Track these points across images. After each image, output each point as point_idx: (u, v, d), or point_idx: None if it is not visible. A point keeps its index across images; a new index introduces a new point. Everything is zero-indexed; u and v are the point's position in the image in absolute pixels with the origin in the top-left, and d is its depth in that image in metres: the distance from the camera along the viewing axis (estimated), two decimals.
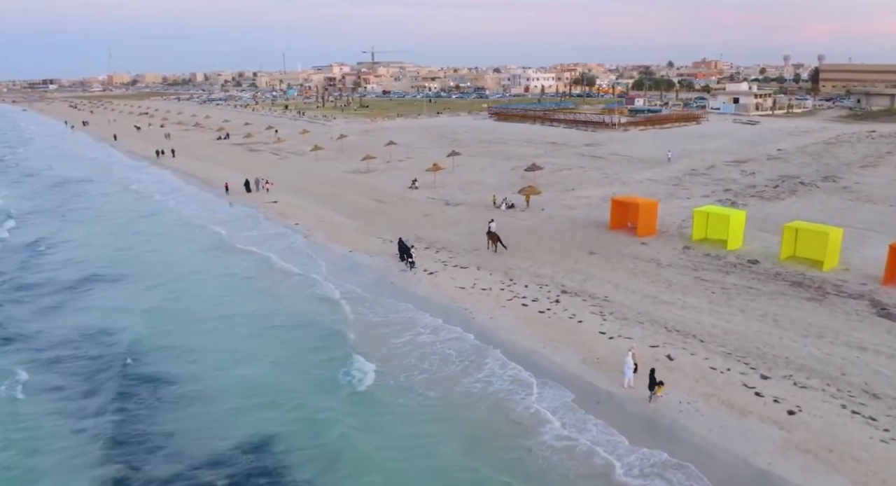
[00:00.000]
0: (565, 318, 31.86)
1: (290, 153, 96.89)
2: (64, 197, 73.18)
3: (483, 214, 53.55)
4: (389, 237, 47.52)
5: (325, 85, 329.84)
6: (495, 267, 39.86)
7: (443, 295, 35.69)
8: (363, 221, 53.15)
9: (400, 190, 65.54)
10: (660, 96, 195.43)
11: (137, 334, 33.16)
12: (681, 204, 54.53)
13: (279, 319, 34.68)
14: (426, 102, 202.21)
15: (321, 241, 48.16)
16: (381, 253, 44.08)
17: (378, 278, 39.39)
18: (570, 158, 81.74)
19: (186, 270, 43.77)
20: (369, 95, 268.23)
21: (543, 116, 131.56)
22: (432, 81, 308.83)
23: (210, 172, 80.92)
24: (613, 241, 44.47)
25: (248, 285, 40.40)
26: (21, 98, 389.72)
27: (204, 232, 53.64)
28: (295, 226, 52.96)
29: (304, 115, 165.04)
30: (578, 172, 70.23)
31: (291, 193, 66.70)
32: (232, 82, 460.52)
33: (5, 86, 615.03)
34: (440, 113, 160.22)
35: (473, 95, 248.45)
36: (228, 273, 42.81)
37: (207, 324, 34.53)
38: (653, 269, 38.59)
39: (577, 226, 48.74)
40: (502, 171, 73.74)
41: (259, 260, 45.01)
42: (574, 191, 61.67)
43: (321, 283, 39.46)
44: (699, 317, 31.48)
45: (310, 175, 77.23)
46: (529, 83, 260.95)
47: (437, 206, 57.84)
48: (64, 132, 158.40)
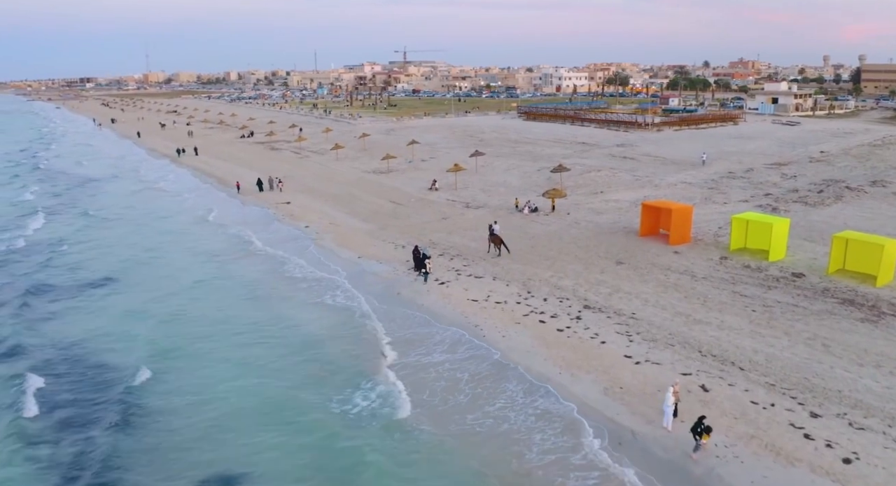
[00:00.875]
0: (586, 338, 28.52)
1: (312, 152, 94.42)
2: (77, 196, 71.45)
3: (505, 217, 50.35)
4: (402, 242, 44.58)
5: (355, 84, 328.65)
6: (513, 277, 36.62)
7: (452, 309, 32.53)
8: (376, 225, 50.21)
9: (419, 191, 62.52)
10: (695, 96, 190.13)
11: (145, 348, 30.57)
12: (717, 209, 50.76)
13: (261, 335, 31.81)
14: (455, 101, 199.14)
15: (330, 245, 45.29)
16: (392, 260, 41.07)
17: (383, 289, 36.34)
18: (600, 159, 78.06)
19: (183, 277, 41.11)
20: (399, 95, 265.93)
21: (574, 116, 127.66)
22: (463, 81, 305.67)
23: (228, 171, 78.69)
24: (643, 249, 40.97)
25: (244, 295, 37.60)
26: (57, 96, 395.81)
27: (213, 234, 51.28)
28: (305, 229, 50.18)
29: (329, 113, 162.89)
30: (608, 174, 66.60)
31: (306, 193, 64.06)
32: (264, 81, 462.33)
33: (44, 84, 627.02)
34: (468, 112, 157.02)
35: (504, 94, 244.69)
36: (228, 281, 40.08)
37: (206, 332, 31.82)
38: (686, 282, 35.05)
39: (604, 232, 45.28)
40: (528, 172, 70.36)
41: (260, 267, 42.32)
42: (602, 194, 58.12)
43: (317, 292, 36.60)
44: (738, 340, 27.93)
45: (327, 175, 74.59)
46: (561, 83, 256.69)
47: (457, 208, 54.70)
48: (90, 130, 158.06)
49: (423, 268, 36.93)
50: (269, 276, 40.20)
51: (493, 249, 41.37)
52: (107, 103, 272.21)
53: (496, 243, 41.45)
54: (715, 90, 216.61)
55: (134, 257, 45.90)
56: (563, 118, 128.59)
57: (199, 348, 30.39)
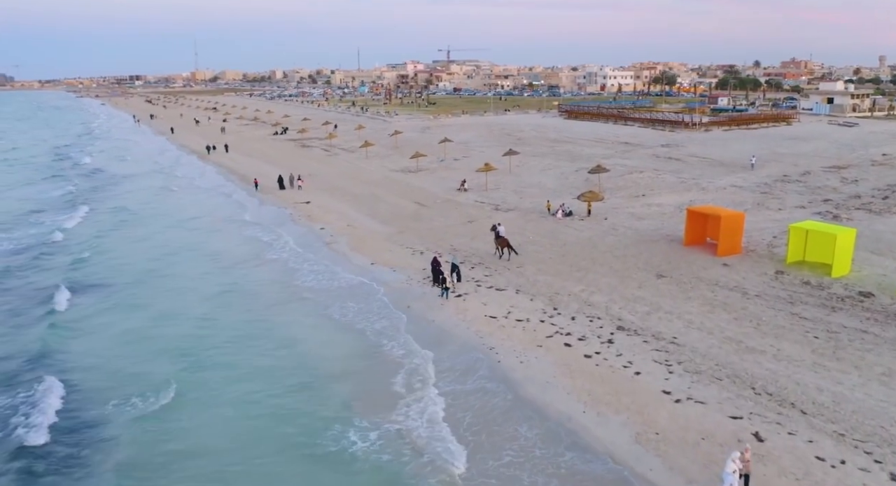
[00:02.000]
0: (618, 367, 24.43)
1: (342, 150, 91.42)
2: (88, 195, 69.33)
3: (536, 222, 46.42)
4: (420, 248, 40.94)
5: (397, 82, 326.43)
6: (538, 291, 32.62)
7: (467, 327, 28.68)
8: (396, 228, 46.64)
9: (446, 192, 58.79)
10: (745, 96, 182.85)
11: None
12: (771, 216, 46.01)
13: (234, 357, 28.41)
14: (495, 99, 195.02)
15: (343, 249, 41.86)
16: (407, 267, 37.42)
17: (393, 301, 32.67)
18: (643, 159, 73.34)
19: (179, 287, 38.03)
20: (440, 93, 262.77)
21: (617, 115, 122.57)
22: (505, 80, 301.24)
23: (253, 169, 75.80)
24: (688, 261, 36.59)
25: (237, 308, 34.31)
26: (105, 93, 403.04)
27: (222, 237, 48.37)
28: (320, 230, 46.85)
29: (366, 111, 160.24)
30: (651, 176, 61.99)
31: (329, 192, 60.87)
32: (307, 80, 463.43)
33: (95, 81, 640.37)
34: (508, 110, 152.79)
35: (547, 93, 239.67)
36: (224, 290, 36.84)
37: (195, 354, 28.57)
38: (737, 300, 30.65)
39: (644, 240, 40.96)
40: (565, 173, 66.11)
41: (261, 276, 39.07)
42: (644, 197, 53.64)
43: (316, 305, 33.16)
44: (799, 374, 23.58)
45: (354, 173, 71.37)
46: (606, 81, 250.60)
47: (484, 211, 50.81)
48: (129, 125, 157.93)
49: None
50: (268, 286, 36.82)
51: (499, 251, 38.39)
52: (150, 100, 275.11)
53: (502, 245, 38.20)
54: (766, 90, 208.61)
55: (131, 264, 43.03)
56: (605, 117, 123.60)
57: (197, 373, 27.11)
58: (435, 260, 34.39)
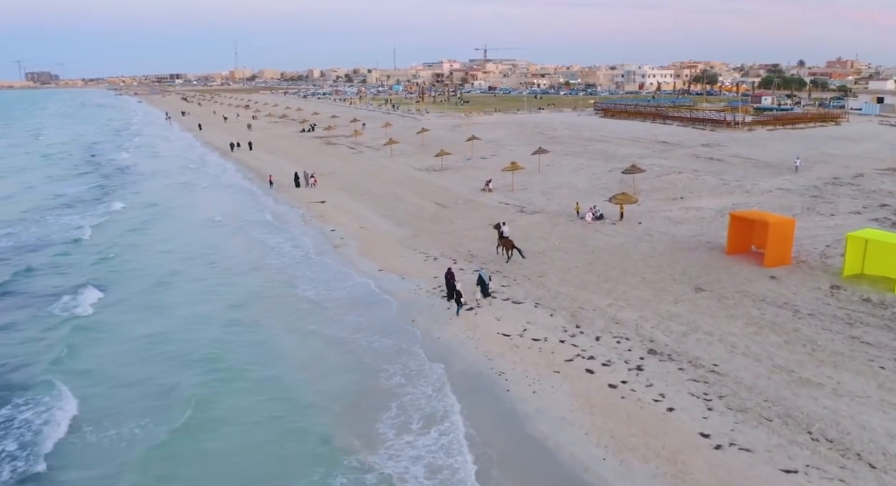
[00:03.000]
0: (648, 401, 20.81)
1: (367, 147, 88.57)
2: (101, 192, 67.28)
3: (563, 226, 42.82)
4: (435, 253, 37.62)
5: (432, 81, 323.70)
6: (560, 305, 29.05)
7: (475, 347, 25.24)
8: (411, 230, 43.38)
9: (470, 192, 55.38)
10: (790, 95, 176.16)
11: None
12: (823, 223, 41.74)
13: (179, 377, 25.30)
14: (530, 97, 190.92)
15: (351, 254, 38.71)
16: (417, 275, 34.09)
17: (397, 313, 29.38)
18: (682, 160, 69.07)
19: (156, 294, 35.21)
20: (474, 91, 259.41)
21: (655, 113, 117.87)
22: (542, 78, 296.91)
23: (273, 167, 72.99)
24: (731, 272, 32.67)
25: (222, 318, 31.29)
26: (143, 91, 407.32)
27: (228, 238, 45.57)
28: (330, 232, 43.80)
29: (397, 109, 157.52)
30: (690, 177, 57.80)
31: (347, 191, 57.92)
32: (344, 78, 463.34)
33: (137, 80, 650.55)
34: (542, 109, 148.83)
35: (584, 91, 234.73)
36: (206, 303, 33.83)
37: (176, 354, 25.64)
38: (787, 320, 26.75)
39: (681, 248, 37.07)
40: (598, 173, 62.23)
41: (257, 280, 36.08)
42: (682, 200, 49.59)
43: (307, 316, 30.01)
44: (864, 414, 19.72)
45: (376, 171, 68.36)
46: (645, 80, 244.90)
47: (508, 213, 47.27)
48: (161, 122, 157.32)
49: (458, 297, 28.61)
50: (258, 296, 33.66)
51: (506, 253, 35.87)
52: (185, 98, 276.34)
53: (507, 246, 35.71)
54: (811, 89, 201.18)
55: (120, 266, 40.40)
56: (643, 115, 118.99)
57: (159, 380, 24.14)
58: (449, 272, 30.25)
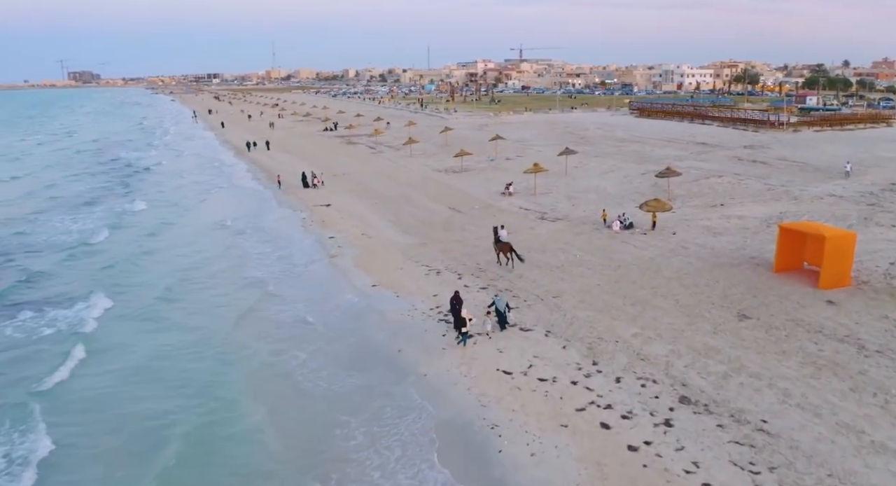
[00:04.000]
0: (677, 471, 16.21)
1: (388, 147, 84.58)
2: (103, 195, 64.18)
3: (588, 235, 38.19)
4: (439, 266, 33.30)
5: (465, 80, 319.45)
6: (575, 333, 24.49)
7: (467, 389, 20.81)
8: (418, 238, 39.12)
9: (488, 196, 50.91)
10: (835, 95, 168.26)
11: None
12: (884, 236, 36.48)
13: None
14: (563, 97, 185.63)
15: (346, 265, 34.52)
16: (415, 292, 29.75)
17: (381, 341, 25.08)
18: (723, 162, 63.78)
19: (113, 313, 31.31)
20: (507, 91, 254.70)
21: (693, 113, 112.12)
22: (577, 78, 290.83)
23: (287, 167, 69.20)
24: (780, 295, 27.78)
25: (183, 349, 27.26)
26: (179, 90, 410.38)
27: (218, 245, 41.73)
28: (328, 240, 39.72)
29: (425, 108, 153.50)
30: (731, 182, 52.60)
31: (356, 193, 53.93)
32: (378, 78, 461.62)
33: (175, 79, 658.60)
34: (574, 108, 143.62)
35: (620, 91, 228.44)
36: (171, 321, 29.88)
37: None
38: (850, 358, 21.88)
39: (721, 263, 32.21)
40: (629, 176, 57.30)
41: (238, 294, 32.06)
42: (723, 207, 44.56)
43: (274, 344, 25.84)
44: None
45: (391, 172, 64.28)
46: (683, 80, 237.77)
47: (528, 220, 42.75)
48: (188, 120, 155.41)
49: (463, 325, 23.91)
50: (227, 316, 29.48)
51: (504, 257, 32.72)
52: (217, 97, 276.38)
53: (504, 251, 32.54)
54: (857, 90, 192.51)
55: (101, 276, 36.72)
56: (680, 115, 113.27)
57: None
58: (456, 297, 25.07)
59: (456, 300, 24.65)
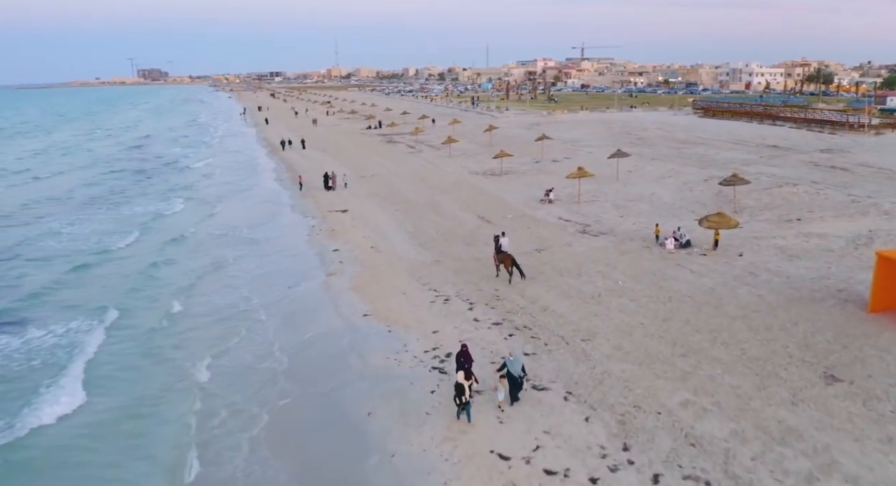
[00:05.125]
0: None
1: (428, 146, 79.20)
2: (110, 197, 60.39)
3: (636, 254, 32.09)
4: (449, 291, 27.67)
5: (524, 79, 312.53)
6: (605, 398, 18.52)
7: (445, 482, 15.11)
8: (433, 254, 33.56)
9: (525, 203, 44.98)
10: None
11: None
12: None
13: None
14: (623, 95, 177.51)
15: (342, 286, 29.15)
16: (413, 327, 24.18)
17: (350, 397, 19.52)
18: (797, 168, 56.35)
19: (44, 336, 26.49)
20: (566, 90, 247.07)
21: (763, 113, 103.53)
22: (639, 77, 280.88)
23: (317, 167, 64.23)
24: (879, 346, 21.24)
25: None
26: (239, 88, 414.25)
27: (204, 260, 36.85)
28: (332, 253, 34.51)
29: (476, 106, 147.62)
30: (809, 192, 45.35)
31: (379, 197, 48.84)
32: (436, 77, 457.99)
33: (239, 77, 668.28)
34: (634, 107, 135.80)
35: (683, 90, 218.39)
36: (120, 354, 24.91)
37: None
38: None
39: (800, 298, 25.68)
40: (689, 182, 50.55)
41: (190, 335, 26.95)
42: (800, 222, 37.65)
43: (210, 399, 20.52)
44: None
45: (425, 174, 58.87)
46: (752, 79, 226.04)
47: (566, 234, 36.71)
48: (236, 117, 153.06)
49: (464, 396, 17.51)
50: (174, 360, 24.32)
51: (505, 270, 28.52)
52: (273, 94, 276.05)
53: (506, 264, 28.29)
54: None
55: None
56: (748, 115, 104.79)
57: None
58: (464, 353, 18.93)
59: (464, 357, 18.80)
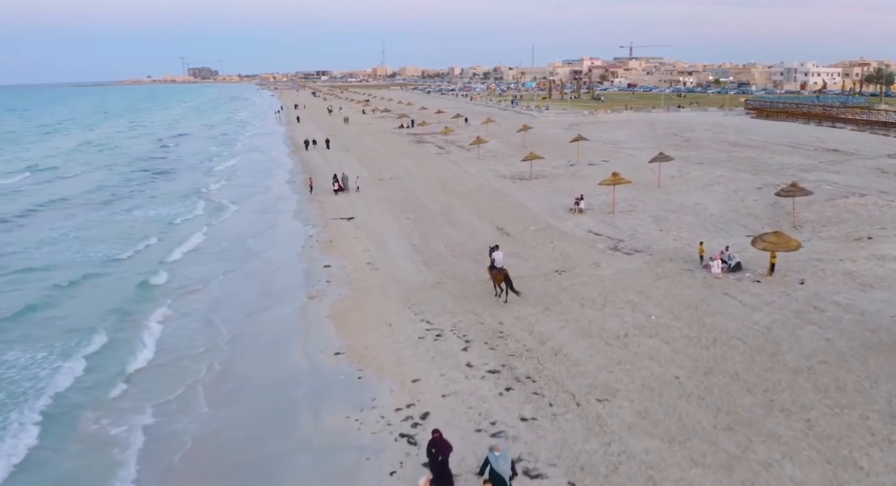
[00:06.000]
0: None
1: (457, 146, 74.64)
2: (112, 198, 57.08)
3: (672, 279, 27.02)
4: (444, 323, 23.05)
5: (570, 78, 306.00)
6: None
7: None
8: (436, 273, 28.92)
9: (553, 212, 40.03)
10: None
11: None
12: None
13: None
14: (670, 95, 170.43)
15: (318, 315, 24.68)
16: (389, 373, 19.56)
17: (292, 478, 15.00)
18: (863, 175, 50.20)
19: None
20: (612, 89, 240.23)
21: (822, 114, 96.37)
22: (689, 76, 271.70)
23: (335, 168, 59.70)
24: None
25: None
26: (284, 87, 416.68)
27: (188, 276, 32.71)
28: (322, 269, 30.16)
29: (515, 105, 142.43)
30: (878, 204, 39.40)
31: (392, 203, 44.54)
32: (481, 76, 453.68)
33: (286, 76, 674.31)
34: (682, 107, 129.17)
35: (735, 90, 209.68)
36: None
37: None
38: None
39: (880, 343, 20.34)
40: (740, 190, 44.97)
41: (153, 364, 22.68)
42: (871, 241, 31.96)
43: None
44: None
45: (447, 177, 54.27)
46: (807, 79, 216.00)
47: (595, 250, 31.69)
48: (272, 115, 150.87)
49: None
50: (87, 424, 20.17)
51: (496, 287, 25.25)
52: (315, 92, 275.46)
53: (497, 280, 24.97)
54: None
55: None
56: (806, 116, 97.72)
57: None
58: (437, 441, 13.90)
59: (437, 447, 13.84)
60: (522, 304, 24.32)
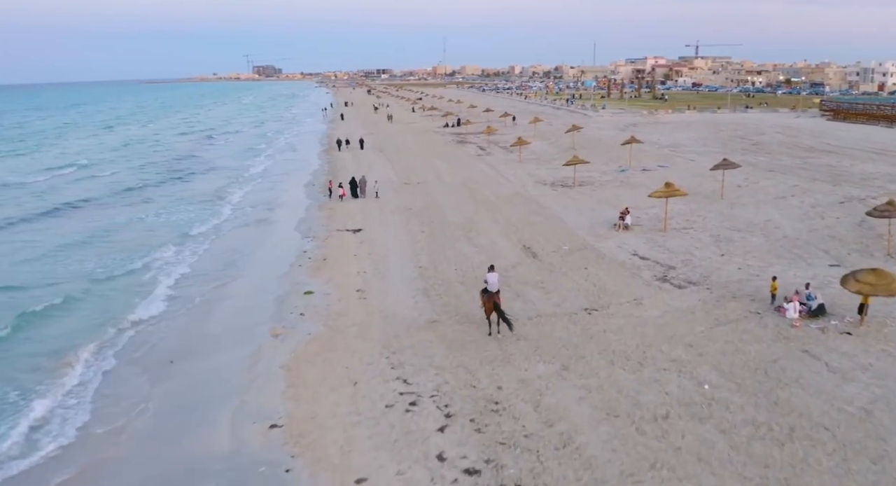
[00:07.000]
0: None
1: (500, 147, 69.00)
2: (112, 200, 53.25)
3: (734, 325, 21.09)
4: (426, 385, 17.65)
5: (632, 77, 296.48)
6: None
7: None
8: (434, 308, 23.39)
9: (592, 228, 34.05)
10: None
11: None
12: None
13: None
14: (739, 95, 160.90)
15: (272, 362, 19.47)
16: (331, 464, 14.20)
17: None
18: None
19: None
20: (676, 88, 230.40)
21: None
22: (758, 76, 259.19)
23: (363, 171, 54.93)
24: None
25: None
26: (342, 85, 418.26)
27: (160, 302, 27.86)
28: (301, 298, 24.95)
29: (570, 104, 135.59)
30: None
31: (409, 213, 39.24)
32: (541, 75, 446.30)
33: (347, 74, 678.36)
34: (750, 107, 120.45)
35: (807, 90, 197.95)
36: None
37: None
38: None
39: None
40: (818, 205, 38.14)
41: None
42: None
43: None
44: None
45: (481, 182, 48.79)
46: (886, 79, 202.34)
47: (638, 281, 25.68)
48: (320, 113, 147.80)
49: None
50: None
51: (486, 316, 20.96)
52: (370, 90, 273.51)
53: (488, 310, 20.55)
54: None
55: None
56: (889, 119, 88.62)
57: None
58: None
59: None
60: (532, 358, 18.64)
